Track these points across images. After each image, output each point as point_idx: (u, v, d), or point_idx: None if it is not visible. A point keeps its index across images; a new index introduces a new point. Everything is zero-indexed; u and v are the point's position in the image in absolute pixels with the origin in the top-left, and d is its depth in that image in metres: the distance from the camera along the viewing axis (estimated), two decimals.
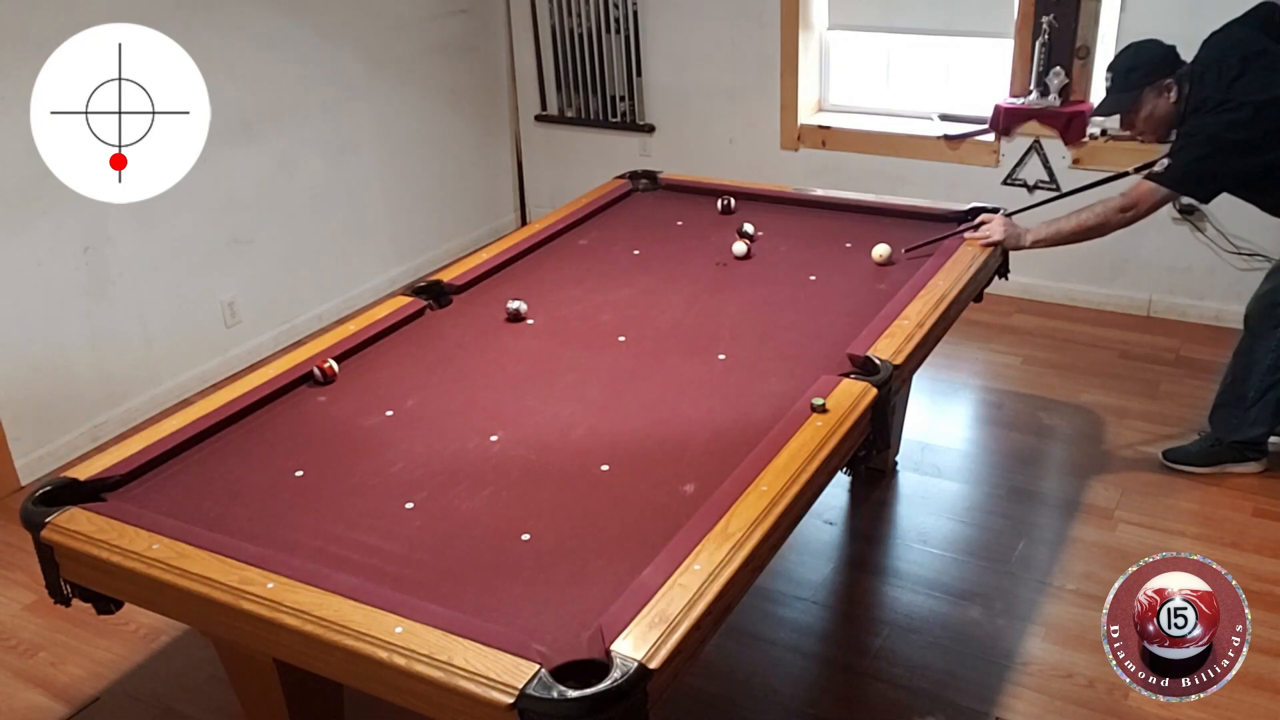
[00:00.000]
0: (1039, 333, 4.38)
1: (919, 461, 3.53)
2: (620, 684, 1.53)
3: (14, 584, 3.18)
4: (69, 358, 3.78)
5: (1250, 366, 3.21)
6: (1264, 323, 3.19)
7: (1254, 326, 3.23)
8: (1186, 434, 3.55)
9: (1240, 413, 3.26)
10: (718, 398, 2.38)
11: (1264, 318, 3.19)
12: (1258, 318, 3.21)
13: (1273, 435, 3.32)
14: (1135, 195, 3.04)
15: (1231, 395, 3.29)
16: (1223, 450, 3.34)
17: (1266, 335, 3.18)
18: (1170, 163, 2.99)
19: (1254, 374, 3.21)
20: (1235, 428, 3.29)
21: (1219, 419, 3.34)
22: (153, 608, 2.00)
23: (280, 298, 4.55)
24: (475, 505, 2.05)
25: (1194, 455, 3.38)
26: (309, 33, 4.45)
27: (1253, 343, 3.22)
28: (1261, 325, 3.19)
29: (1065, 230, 3.14)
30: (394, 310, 2.83)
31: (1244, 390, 3.24)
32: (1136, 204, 3.03)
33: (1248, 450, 3.33)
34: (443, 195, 5.32)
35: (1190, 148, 2.97)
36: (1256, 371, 3.20)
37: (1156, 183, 3.00)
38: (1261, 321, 3.20)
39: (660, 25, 5.06)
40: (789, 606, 2.94)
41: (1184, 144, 2.99)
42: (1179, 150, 2.99)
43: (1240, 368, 3.25)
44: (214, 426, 2.34)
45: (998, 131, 4.48)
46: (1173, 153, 3.01)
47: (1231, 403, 3.29)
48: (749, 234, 3.17)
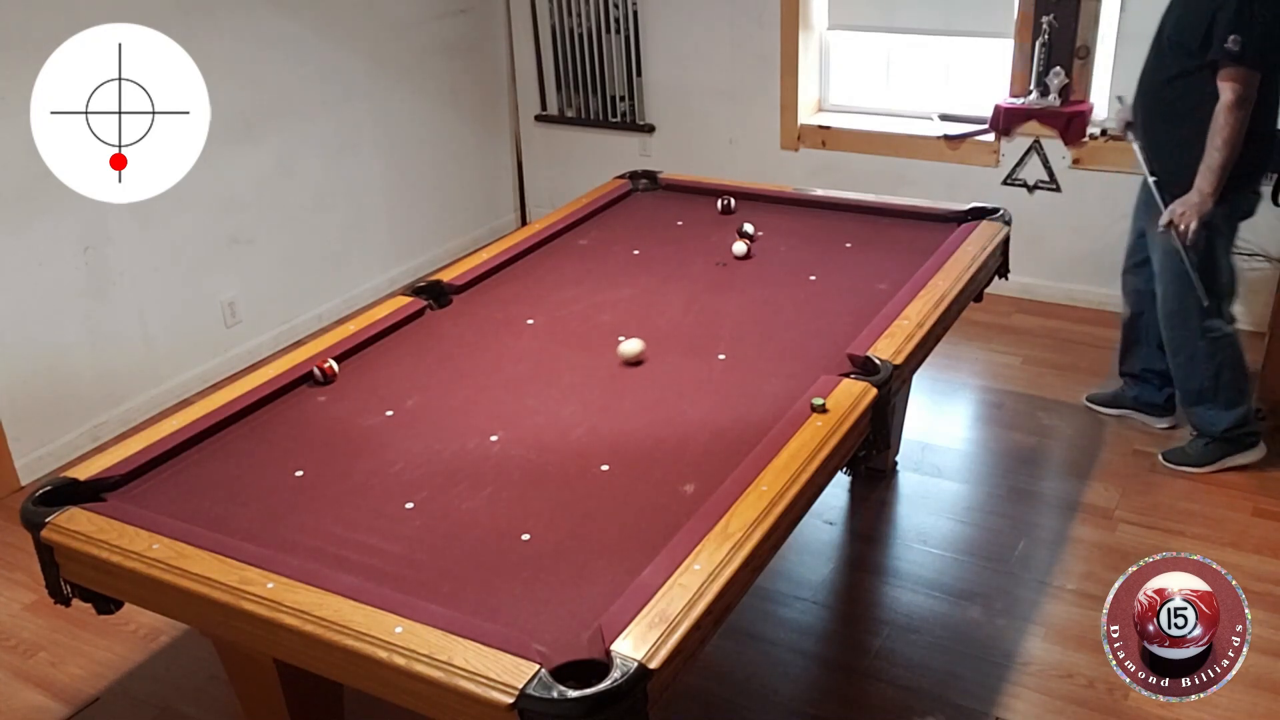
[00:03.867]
0: (1039, 333, 4.38)
1: (919, 461, 3.53)
2: (620, 684, 1.53)
3: (14, 584, 3.18)
4: (69, 358, 3.78)
5: (1191, 360, 3.29)
6: (1182, 321, 3.26)
7: (1175, 326, 3.29)
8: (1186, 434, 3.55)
9: (1211, 406, 3.32)
10: (718, 398, 2.38)
11: (1178, 316, 3.27)
12: (1179, 317, 3.27)
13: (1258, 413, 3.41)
14: (1233, 88, 2.93)
15: (1194, 395, 3.35)
16: (1217, 446, 3.37)
17: (1188, 328, 3.25)
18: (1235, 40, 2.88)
19: (1198, 367, 3.28)
20: (1215, 420, 3.33)
21: (1198, 419, 3.38)
22: (153, 608, 2.00)
23: (280, 298, 4.55)
24: (475, 505, 2.05)
25: (1193, 456, 3.39)
26: (309, 33, 4.45)
27: (1181, 339, 3.29)
28: (1180, 322, 3.27)
29: (1219, 162, 3.00)
30: (394, 310, 2.83)
31: (1199, 385, 3.31)
32: (1241, 93, 2.94)
33: (1244, 437, 3.36)
34: (443, 195, 5.32)
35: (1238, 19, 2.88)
36: (1198, 363, 3.28)
37: (1239, 65, 2.91)
38: (1180, 321, 3.27)
39: (660, 25, 5.06)
40: (789, 606, 2.94)
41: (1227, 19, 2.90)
42: (1228, 28, 2.89)
43: (1181, 367, 3.33)
44: (214, 426, 2.34)
45: (998, 131, 4.48)
46: (1224, 34, 2.90)
47: (1197, 400, 3.34)
48: (749, 234, 3.17)
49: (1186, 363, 3.31)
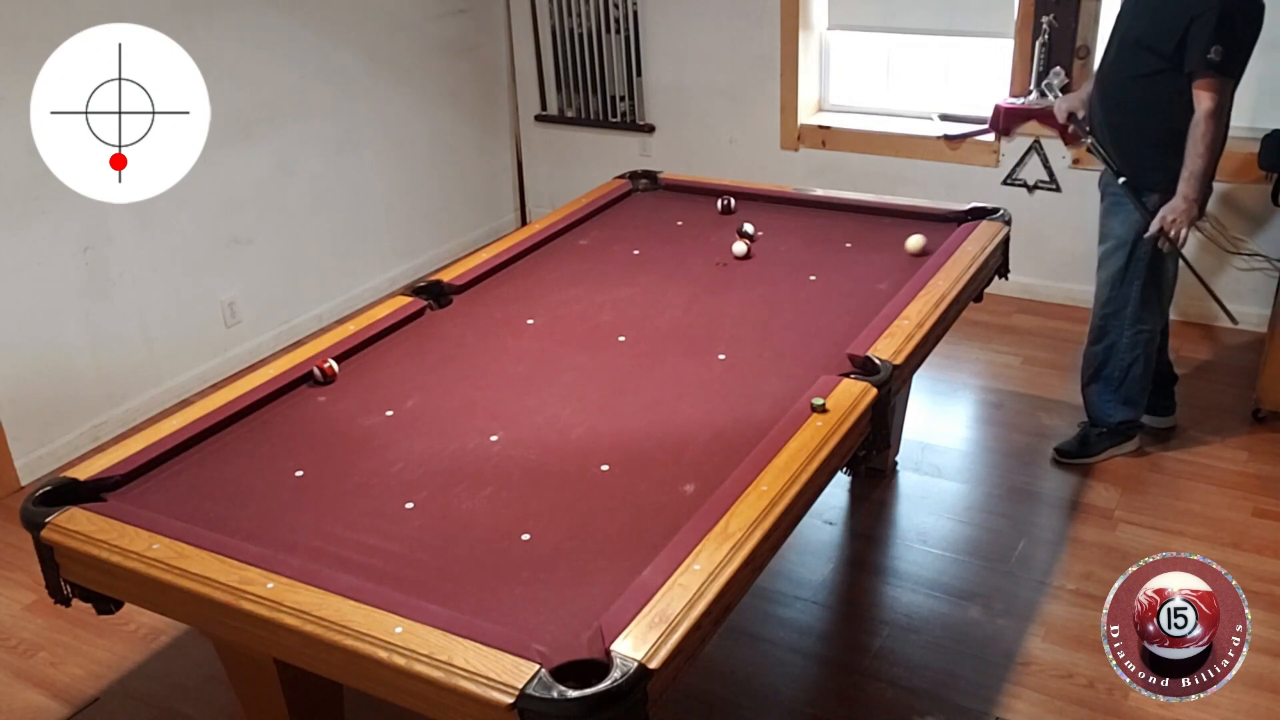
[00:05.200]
0: (1039, 333, 4.38)
1: (919, 461, 3.53)
2: (620, 684, 1.53)
3: (14, 584, 3.18)
4: (69, 358, 3.78)
5: (1112, 348, 3.34)
6: (1115, 314, 3.31)
7: (1107, 317, 3.34)
8: (1187, 433, 3.56)
9: (1111, 396, 3.40)
10: (718, 398, 2.38)
11: (1113, 316, 3.32)
12: (1113, 315, 3.32)
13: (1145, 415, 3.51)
14: (1211, 97, 2.94)
15: (1099, 379, 3.42)
16: (1107, 436, 3.46)
17: (1120, 319, 3.30)
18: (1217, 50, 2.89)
19: (1115, 355, 3.34)
20: (1112, 412, 3.42)
21: (1095, 406, 3.46)
22: (153, 608, 2.00)
23: (280, 298, 4.55)
24: (475, 505, 2.05)
25: (1090, 446, 3.48)
26: (309, 33, 4.45)
27: (1108, 328, 3.34)
28: (1113, 314, 3.32)
29: (1200, 169, 3.01)
30: (394, 310, 2.83)
31: (1108, 371, 3.38)
32: (1220, 102, 2.96)
33: (1130, 429, 3.47)
34: (443, 195, 5.32)
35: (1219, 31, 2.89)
36: (1118, 352, 3.33)
37: (1219, 76, 2.93)
38: (1114, 314, 3.32)
39: (660, 25, 5.06)
40: (789, 606, 2.94)
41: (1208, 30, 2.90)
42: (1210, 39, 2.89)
43: (1099, 355, 3.39)
44: (214, 426, 2.34)
45: (998, 131, 4.48)
46: (1205, 44, 2.90)
47: (1101, 382, 3.41)
48: (749, 234, 3.17)
49: (1105, 350, 3.37)
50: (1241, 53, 2.97)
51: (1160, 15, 3.02)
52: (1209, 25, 2.89)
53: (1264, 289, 4.17)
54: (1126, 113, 3.17)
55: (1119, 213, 3.22)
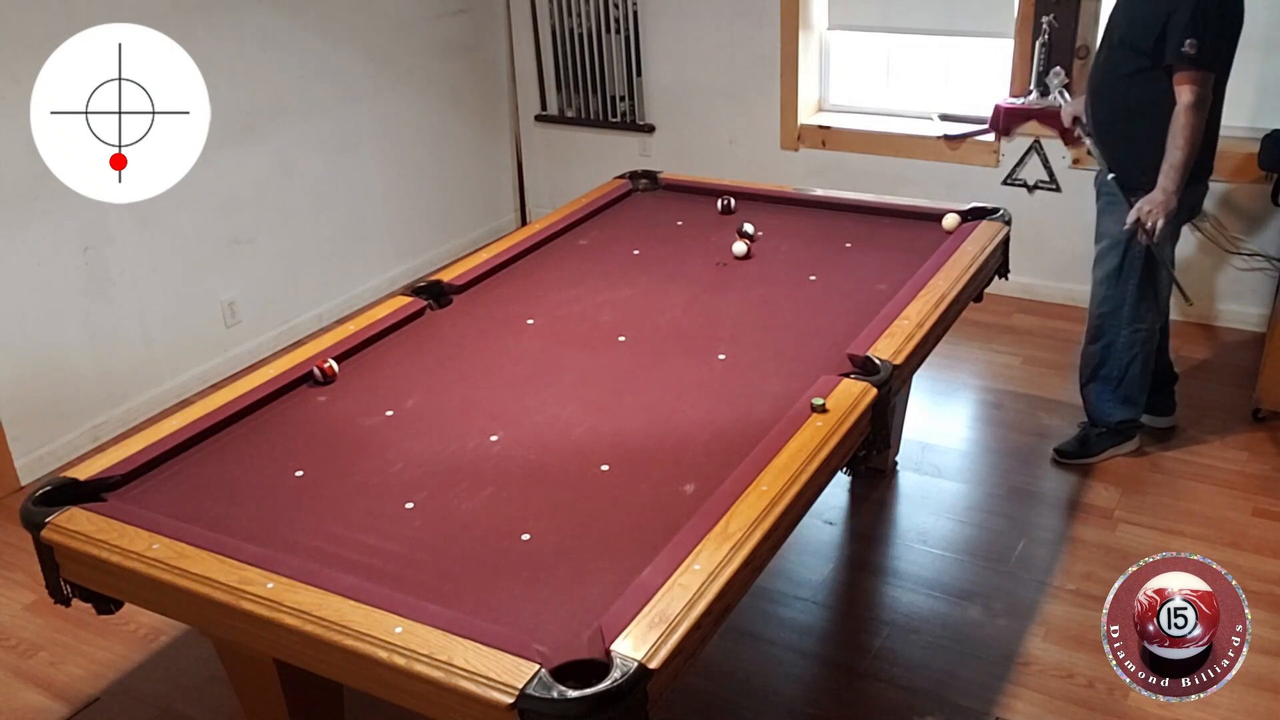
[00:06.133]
0: (1039, 333, 4.38)
1: (919, 461, 3.53)
2: (620, 684, 1.53)
3: (14, 584, 3.18)
4: (69, 358, 3.78)
5: (1109, 348, 3.34)
6: (1112, 314, 3.32)
7: (1104, 317, 3.34)
8: (1187, 433, 3.56)
9: (1110, 395, 3.39)
10: (718, 398, 2.38)
11: (1109, 315, 3.32)
12: (1109, 315, 3.32)
13: (1145, 415, 3.51)
14: (1190, 90, 2.95)
15: (1097, 378, 3.41)
16: (1108, 436, 3.46)
17: (1117, 319, 3.31)
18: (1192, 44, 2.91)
19: (1113, 354, 3.34)
20: (1110, 412, 3.41)
21: (1094, 406, 3.45)
22: (153, 608, 2.00)
23: (280, 298, 4.55)
24: (475, 505, 2.05)
25: (1081, 448, 3.48)
26: (309, 33, 4.45)
27: (1106, 327, 3.34)
28: (1109, 313, 3.32)
29: (1180, 160, 3.01)
30: (394, 310, 2.83)
31: (1106, 371, 3.38)
32: (1199, 94, 2.97)
33: (1129, 429, 3.47)
34: (443, 195, 5.32)
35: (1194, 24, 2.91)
36: (1116, 351, 3.33)
37: (1196, 69, 2.94)
38: (1110, 313, 3.32)
39: (660, 25, 5.06)
40: (789, 606, 2.94)
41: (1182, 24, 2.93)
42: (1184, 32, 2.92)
43: (1096, 354, 3.39)
44: (214, 426, 2.34)
45: (998, 131, 4.48)
46: (1180, 37, 2.93)
47: (1100, 382, 3.41)
48: (749, 234, 3.17)
49: (1103, 349, 3.37)
50: (1219, 45, 2.99)
51: (1140, 12, 3.05)
52: (1183, 19, 2.92)
53: (1264, 289, 4.17)
54: (1114, 112, 3.18)
55: (1113, 212, 3.23)
